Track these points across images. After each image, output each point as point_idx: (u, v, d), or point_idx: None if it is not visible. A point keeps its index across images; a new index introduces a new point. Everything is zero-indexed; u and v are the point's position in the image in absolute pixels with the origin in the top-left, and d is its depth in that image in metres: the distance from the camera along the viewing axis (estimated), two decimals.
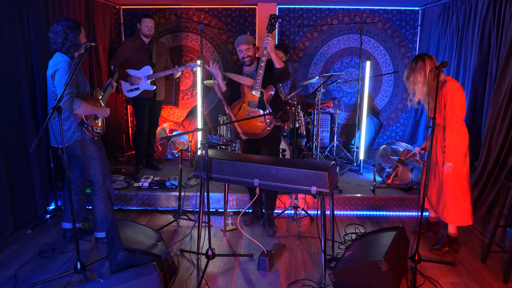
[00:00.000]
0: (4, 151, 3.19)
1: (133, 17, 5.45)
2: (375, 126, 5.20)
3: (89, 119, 2.93)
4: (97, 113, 2.98)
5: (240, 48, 3.18)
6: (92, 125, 2.95)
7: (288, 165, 2.69)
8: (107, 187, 3.14)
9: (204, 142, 2.63)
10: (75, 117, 2.88)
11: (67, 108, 2.72)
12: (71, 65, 2.77)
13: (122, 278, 2.27)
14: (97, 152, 3.03)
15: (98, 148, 3.05)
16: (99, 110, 2.98)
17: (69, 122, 2.89)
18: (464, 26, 4.12)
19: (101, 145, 3.10)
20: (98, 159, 3.04)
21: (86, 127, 2.91)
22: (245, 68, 3.30)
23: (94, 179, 3.07)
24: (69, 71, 2.71)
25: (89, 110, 2.89)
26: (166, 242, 3.01)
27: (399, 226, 2.74)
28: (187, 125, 5.32)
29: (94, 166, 3.04)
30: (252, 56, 3.22)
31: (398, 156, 4.06)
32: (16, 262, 2.90)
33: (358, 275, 2.45)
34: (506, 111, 3.25)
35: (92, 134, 2.95)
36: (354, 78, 5.60)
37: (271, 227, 3.45)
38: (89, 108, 2.88)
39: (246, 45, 3.16)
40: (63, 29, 2.78)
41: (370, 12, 5.43)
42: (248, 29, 5.41)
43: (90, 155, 3.00)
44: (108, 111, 3.08)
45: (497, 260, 2.99)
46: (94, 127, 2.97)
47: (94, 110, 2.94)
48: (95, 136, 2.99)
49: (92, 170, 3.05)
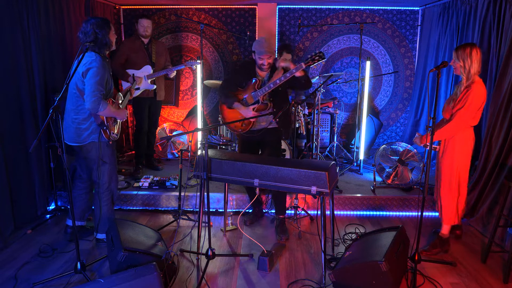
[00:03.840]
0: (4, 151, 3.19)
1: (133, 17, 5.43)
2: (375, 126, 5.20)
3: (109, 121, 2.93)
4: (117, 116, 2.97)
5: (263, 57, 3.12)
6: (110, 128, 2.95)
7: (288, 165, 2.69)
8: (112, 190, 3.14)
9: (204, 142, 2.63)
10: (96, 117, 2.86)
11: (93, 109, 2.72)
12: (103, 64, 2.77)
13: (122, 278, 2.27)
14: (109, 156, 3.01)
15: (110, 152, 3.03)
16: (119, 113, 2.97)
17: (88, 123, 2.88)
18: (464, 26, 4.12)
19: (114, 150, 3.09)
20: (109, 164, 3.03)
21: (105, 130, 2.90)
22: (259, 71, 3.25)
23: (101, 181, 3.06)
24: (102, 72, 2.73)
25: (111, 112, 2.88)
26: (166, 242, 3.00)
27: (399, 226, 2.74)
28: (187, 125, 5.32)
29: (104, 170, 3.02)
30: (272, 63, 3.19)
31: (398, 156, 4.06)
32: (16, 262, 2.90)
33: (358, 275, 2.45)
34: (506, 111, 3.25)
35: (108, 138, 2.93)
36: (354, 78, 5.60)
37: (284, 234, 3.34)
38: (113, 110, 2.88)
39: (270, 54, 3.12)
40: (92, 28, 2.75)
41: (370, 12, 5.43)
42: (248, 29, 5.41)
43: (102, 158, 2.98)
44: (127, 114, 3.07)
45: (497, 260, 2.99)
46: (112, 131, 2.97)
47: (116, 113, 2.93)
48: (110, 140, 2.97)
49: (100, 173, 3.03)
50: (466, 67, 2.81)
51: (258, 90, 3.19)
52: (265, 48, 3.10)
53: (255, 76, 3.23)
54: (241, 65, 3.36)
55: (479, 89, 2.79)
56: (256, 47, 3.15)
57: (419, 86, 5.22)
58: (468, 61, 2.80)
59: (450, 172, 2.96)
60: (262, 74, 3.26)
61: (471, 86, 2.80)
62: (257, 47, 3.13)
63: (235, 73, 3.32)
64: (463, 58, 2.81)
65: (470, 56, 2.79)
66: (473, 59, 2.79)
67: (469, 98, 2.77)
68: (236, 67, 3.33)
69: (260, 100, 3.21)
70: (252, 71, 3.26)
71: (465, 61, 2.80)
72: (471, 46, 2.83)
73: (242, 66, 3.38)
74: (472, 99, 2.77)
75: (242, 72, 3.32)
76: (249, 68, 3.29)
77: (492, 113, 3.43)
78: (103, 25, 2.78)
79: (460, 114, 2.81)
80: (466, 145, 2.92)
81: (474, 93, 2.77)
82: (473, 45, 2.84)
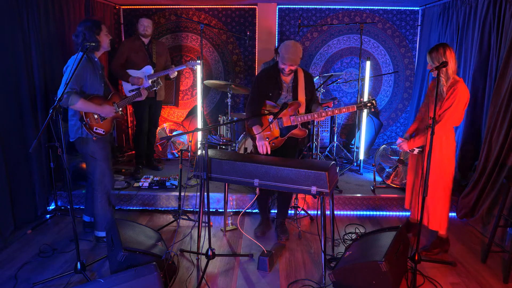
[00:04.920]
0: (4, 151, 3.19)
1: (133, 17, 5.45)
2: (375, 126, 5.20)
3: (89, 117, 2.93)
4: (99, 112, 2.97)
5: (285, 64, 2.97)
6: (91, 124, 2.95)
7: (288, 165, 2.68)
8: (106, 187, 3.13)
9: (204, 142, 2.63)
10: (77, 113, 2.92)
11: (64, 103, 2.75)
12: (83, 64, 2.80)
13: (122, 278, 2.27)
14: (98, 152, 3.03)
15: (99, 148, 3.03)
16: (101, 109, 2.95)
17: (75, 119, 2.95)
18: (464, 26, 4.11)
19: (104, 146, 3.07)
20: (99, 160, 3.04)
21: (84, 124, 2.92)
22: (283, 76, 3.10)
23: (93, 178, 3.08)
24: (80, 69, 2.75)
25: (88, 107, 2.88)
26: (166, 242, 3.00)
27: (399, 226, 2.74)
28: (187, 125, 5.32)
29: (94, 166, 3.05)
30: (294, 69, 3.06)
31: (398, 156, 4.06)
32: (16, 262, 2.90)
33: (358, 275, 2.45)
34: (506, 111, 3.25)
35: (90, 133, 2.95)
36: (354, 78, 5.60)
37: (284, 234, 3.32)
38: (88, 105, 2.87)
39: (294, 64, 2.97)
40: (82, 30, 2.84)
41: (370, 12, 5.43)
42: (248, 29, 5.41)
43: (91, 154, 3.01)
44: (114, 112, 3.04)
45: (497, 260, 2.99)
46: (94, 127, 2.97)
47: (95, 108, 2.92)
48: (94, 136, 2.98)
49: (92, 168, 3.07)
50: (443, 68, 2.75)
51: (299, 116, 3.03)
52: (289, 55, 2.93)
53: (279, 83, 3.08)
54: (265, 75, 3.14)
55: (464, 88, 2.78)
56: (281, 50, 2.97)
57: (419, 86, 5.22)
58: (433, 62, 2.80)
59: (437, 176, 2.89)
60: (286, 80, 3.12)
61: (457, 86, 2.77)
62: (283, 51, 2.96)
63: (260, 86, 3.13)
64: (438, 60, 2.78)
65: (445, 56, 2.76)
66: (447, 58, 2.75)
67: (457, 98, 2.75)
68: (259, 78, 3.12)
69: (298, 125, 3.08)
70: (276, 78, 3.10)
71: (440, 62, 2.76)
72: (443, 46, 2.80)
73: (265, 76, 3.14)
74: (460, 99, 2.76)
75: (266, 82, 3.12)
76: (272, 74, 3.11)
77: (492, 113, 3.43)
78: (91, 26, 2.85)
79: (449, 114, 2.78)
80: (452, 149, 2.91)
81: (461, 93, 2.75)
82: (445, 45, 2.81)
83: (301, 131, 3.12)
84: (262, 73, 3.17)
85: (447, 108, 2.79)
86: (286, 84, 3.13)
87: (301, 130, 3.12)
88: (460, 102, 2.77)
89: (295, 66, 3.02)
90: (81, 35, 2.83)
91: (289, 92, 3.13)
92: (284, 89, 3.12)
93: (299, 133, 3.12)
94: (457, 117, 2.82)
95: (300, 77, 3.13)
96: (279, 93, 3.12)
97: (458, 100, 2.75)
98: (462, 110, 2.81)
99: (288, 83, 3.13)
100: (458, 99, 2.76)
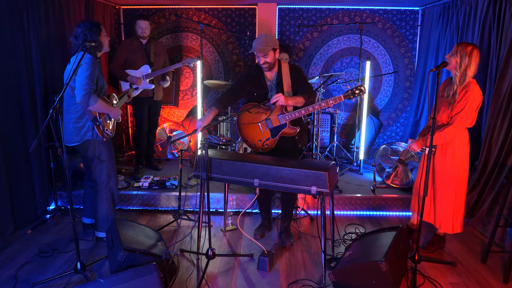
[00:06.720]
0: (4, 151, 3.19)
1: (133, 17, 5.40)
2: (375, 126, 5.20)
3: (102, 118, 2.95)
4: (110, 113, 3.00)
5: (257, 55, 2.92)
6: (103, 125, 2.96)
7: (288, 165, 2.68)
8: (111, 188, 3.15)
9: (204, 142, 2.64)
10: (89, 114, 2.89)
11: (84, 102, 2.73)
12: (94, 62, 2.81)
13: (122, 278, 2.27)
14: (105, 154, 3.04)
15: (107, 150, 3.05)
16: (113, 110, 3.00)
17: (83, 120, 2.91)
18: (464, 26, 4.11)
19: (110, 147, 3.10)
20: (106, 161, 3.05)
21: (98, 125, 2.92)
22: (266, 73, 3.03)
23: (98, 179, 3.08)
24: (92, 68, 2.76)
25: (103, 108, 2.90)
26: (166, 242, 3.01)
27: (399, 226, 2.74)
28: (187, 125, 5.32)
29: (100, 168, 3.05)
30: (271, 62, 2.93)
31: (398, 156, 4.06)
32: (16, 262, 2.90)
33: (358, 275, 2.45)
34: (506, 111, 3.25)
35: (101, 135, 2.95)
36: (354, 78, 5.60)
37: (288, 239, 3.24)
38: (104, 106, 2.90)
39: (262, 53, 2.87)
40: (81, 30, 2.85)
41: (370, 12, 5.43)
42: (248, 29, 5.41)
43: (98, 156, 3.01)
44: (120, 113, 3.10)
45: (497, 260, 2.99)
46: (105, 128, 2.98)
47: (108, 109, 2.95)
48: (104, 137, 2.99)
49: (98, 171, 3.06)
50: (461, 65, 2.68)
51: (286, 114, 2.94)
52: (256, 45, 2.86)
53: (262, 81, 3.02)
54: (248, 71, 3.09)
55: (477, 89, 2.71)
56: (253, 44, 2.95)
57: (419, 86, 5.22)
58: (466, 60, 2.67)
59: (451, 178, 2.86)
60: (270, 76, 3.03)
61: (470, 87, 2.70)
62: (253, 44, 2.92)
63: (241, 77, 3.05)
64: (462, 55, 2.68)
65: (470, 56, 2.66)
66: (472, 60, 2.67)
67: (470, 100, 2.68)
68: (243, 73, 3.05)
69: (287, 124, 2.98)
70: (259, 76, 3.04)
71: (463, 58, 2.67)
72: (474, 46, 2.71)
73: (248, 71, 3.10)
74: (472, 100, 2.68)
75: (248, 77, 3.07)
76: (256, 72, 3.06)
77: (492, 113, 3.43)
78: (91, 27, 2.87)
79: (461, 116, 2.71)
80: (466, 149, 2.86)
81: (473, 94, 2.68)
82: (475, 46, 2.72)
83: (292, 129, 3.00)
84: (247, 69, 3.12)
85: (459, 111, 2.71)
86: (270, 82, 3.04)
87: (291, 129, 3.00)
88: (473, 104, 2.69)
89: (269, 58, 2.90)
90: (82, 35, 2.83)
91: (273, 90, 3.03)
92: (268, 88, 3.03)
93: (290, 132, 3.01)
94: (470, 119, 2.73)
95: (285, 73, 2.99)
96: (264, 92, 3.04)
97: (471, 102, 2.68)
98: (475, 112, 2.73)
99: (272, 80, 3.03)
100: (471, 101, 2.68)
